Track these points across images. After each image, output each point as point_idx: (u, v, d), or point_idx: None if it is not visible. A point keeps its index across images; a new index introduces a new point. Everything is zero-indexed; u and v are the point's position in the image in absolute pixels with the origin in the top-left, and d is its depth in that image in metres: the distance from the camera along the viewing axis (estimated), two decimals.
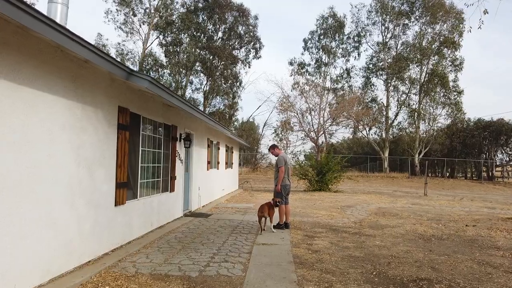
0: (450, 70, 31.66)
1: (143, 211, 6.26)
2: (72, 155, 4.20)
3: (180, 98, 6.33)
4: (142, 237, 6.13)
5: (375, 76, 34.48)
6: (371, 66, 34.78)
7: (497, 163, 30.81)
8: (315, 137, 26.51)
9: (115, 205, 5.22)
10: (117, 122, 5.24)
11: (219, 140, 13.34)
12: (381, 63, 33.82)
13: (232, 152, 16.91)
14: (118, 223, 5.35)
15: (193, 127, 9.41)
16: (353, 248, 5.88)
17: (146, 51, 28.91)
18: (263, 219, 6.98)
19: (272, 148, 8.00)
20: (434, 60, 31.69)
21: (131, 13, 28.59)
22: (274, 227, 7.22)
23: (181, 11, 28.70)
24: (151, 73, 27.39)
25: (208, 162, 11.37)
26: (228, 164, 15.60)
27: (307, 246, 5.91)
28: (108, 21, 32.50)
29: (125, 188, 5.48)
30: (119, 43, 28.96)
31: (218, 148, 13.26)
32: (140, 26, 29.26)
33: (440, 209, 11.55)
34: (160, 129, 7.12)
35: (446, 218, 9.60)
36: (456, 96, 31.44)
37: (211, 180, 11.84)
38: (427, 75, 31.34)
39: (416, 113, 31.63)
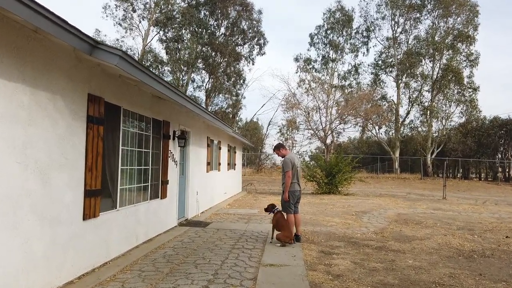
0: (465, 66, 30.18)
1: (125, 223, 5.16)
2: (14, 156, 3.11)
3: (168, 85, 5.22)
4: (123, 256, 5.03)
5: (384, 73, 33.12)
6: (380, 62, 33.43)
7: None
8: (324, 136, 25.30)
9: (84, 219, 4.12)
10: (86, 113, 4.15)
11: (220, 139, 12.23)
12: (391, 59, 32.45)
13: (235, 152, 15.80)
14: (89, 241, 4.25)
15: (189, 124, 8.31)
16: (383, 270, 4.73)
17: (146, 48, 27.91)
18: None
19: (277, 148, 6.66)
20: (447, 55, 30.21)
21: (130, 8, 27.61)
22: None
23: (182, 5, 27.63)
24: (151, 70, 26.26)
25: (208, 163, 10.27)
26: (231, 165, 14.49)
27: (326, 268, 4.77)
28: (106, 16, 31.55)
29: (99, 197, 4.38)
30: (117, 39, 27.91)
31: (219, 148, 12.15)
32: (140, 21, 28.29)
33: (467, 215, 10.34)
34: (148, 124, 6.02)
35: (479, 227, 8.40)
36: (471, 93, 29.97)
37: (211, 183, 10.74)
38: (440, 70, 29.87)
39: (428, 111, 30.17)
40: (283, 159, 6.47)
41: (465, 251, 6.03)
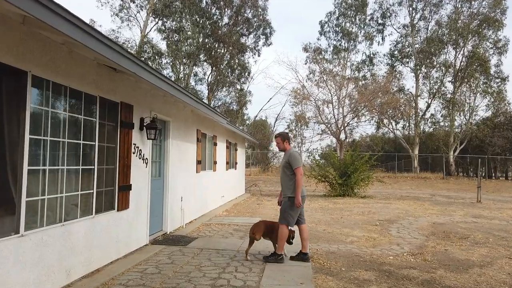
0: (492, 54, 27.51)
1: (40, 254, 3.35)
2: None
3: (109, 42, 3.37)
4: None
5: (400, 63, 30.68)
6: (396, 53, 31.03)
7: None
8: (337, 131, 23.21)
9: None
10: None
11: (216, 133, 10.39)
12: (408, 48, 30.00)
13: (236, 150, 13.94)
14: None
15: (168, 112, 6.49)
16: None
17: (144, 39, 26.21)
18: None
19: (282, 137, 5.00)
20: (473, 41, 27.54)
21: None
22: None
23: None
24: (149, 63, 24.54)
25: (199, 162, 8.45)
26: (230, 164, 12.64)
27: None
28: (102, 5, 30.12)
29: None
30: (113, 30, 26.37)
31: (215, 144, 10.32)
32: (138, 12, 26.63)
33: None
34: (92, 106, 4.21)
35: None
36: (499, 84, 27.35)
37: (203, 186, 8.91)
38: (464, 59, 27.30)
39: (451, 104, 27.65)
40: (289, 152, 4.85)
41: None
